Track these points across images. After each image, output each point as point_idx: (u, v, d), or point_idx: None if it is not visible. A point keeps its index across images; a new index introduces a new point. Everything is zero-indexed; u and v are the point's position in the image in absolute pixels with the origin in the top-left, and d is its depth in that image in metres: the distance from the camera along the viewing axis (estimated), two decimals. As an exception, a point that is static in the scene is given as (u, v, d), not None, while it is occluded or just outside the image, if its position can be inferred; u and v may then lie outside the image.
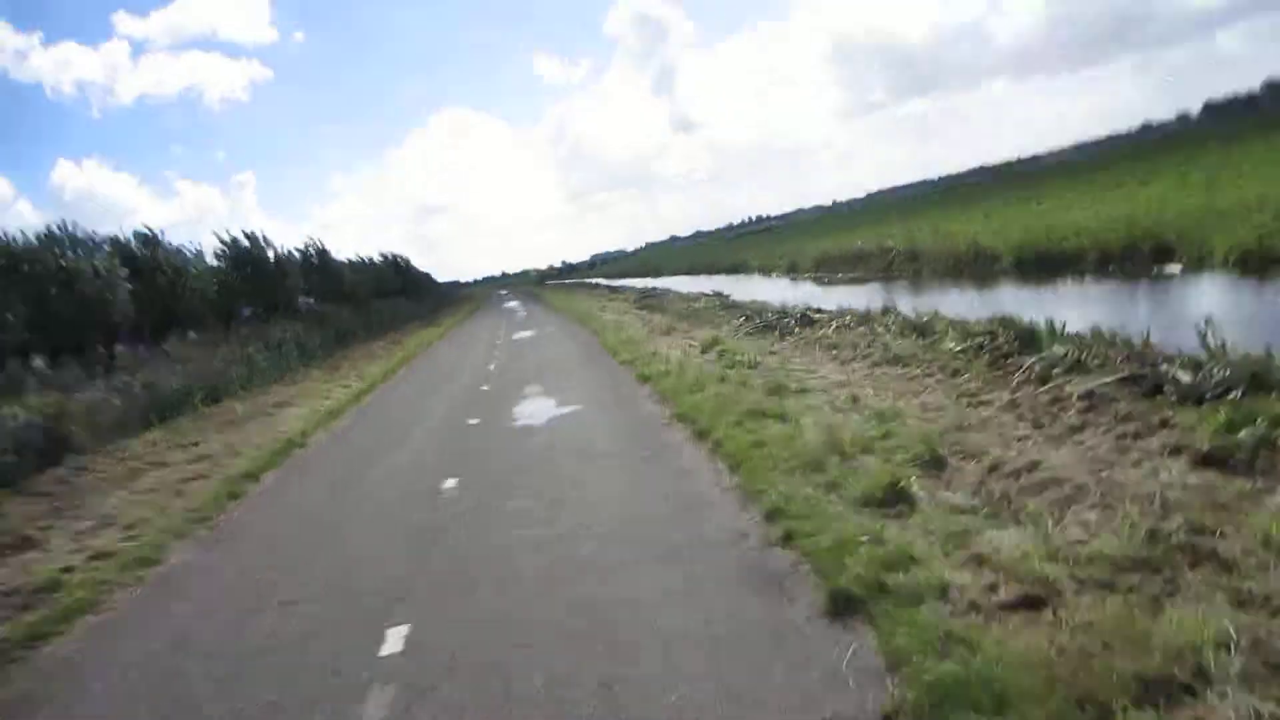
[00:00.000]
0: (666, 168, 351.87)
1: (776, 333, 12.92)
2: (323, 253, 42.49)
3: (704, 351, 12.02)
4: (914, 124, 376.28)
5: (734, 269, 46.43)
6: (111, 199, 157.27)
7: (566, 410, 9.31)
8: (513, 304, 49.70)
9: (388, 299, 65.68)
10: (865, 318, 12.32)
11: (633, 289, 40.15)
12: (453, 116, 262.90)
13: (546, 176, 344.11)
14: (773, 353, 11.07)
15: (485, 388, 12.54)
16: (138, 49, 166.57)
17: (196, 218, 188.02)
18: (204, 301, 26.30)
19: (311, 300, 39.46)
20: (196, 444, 10.95)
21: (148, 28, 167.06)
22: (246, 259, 31.51)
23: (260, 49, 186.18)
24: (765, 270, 40.58)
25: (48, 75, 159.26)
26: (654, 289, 34.61)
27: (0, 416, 11.94)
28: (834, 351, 10.30)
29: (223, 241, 30.92)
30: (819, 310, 13.93)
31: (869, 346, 9.86)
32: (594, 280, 77.08)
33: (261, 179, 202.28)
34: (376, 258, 70.66)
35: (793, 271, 35.19)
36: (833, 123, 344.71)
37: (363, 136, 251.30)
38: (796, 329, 12.90)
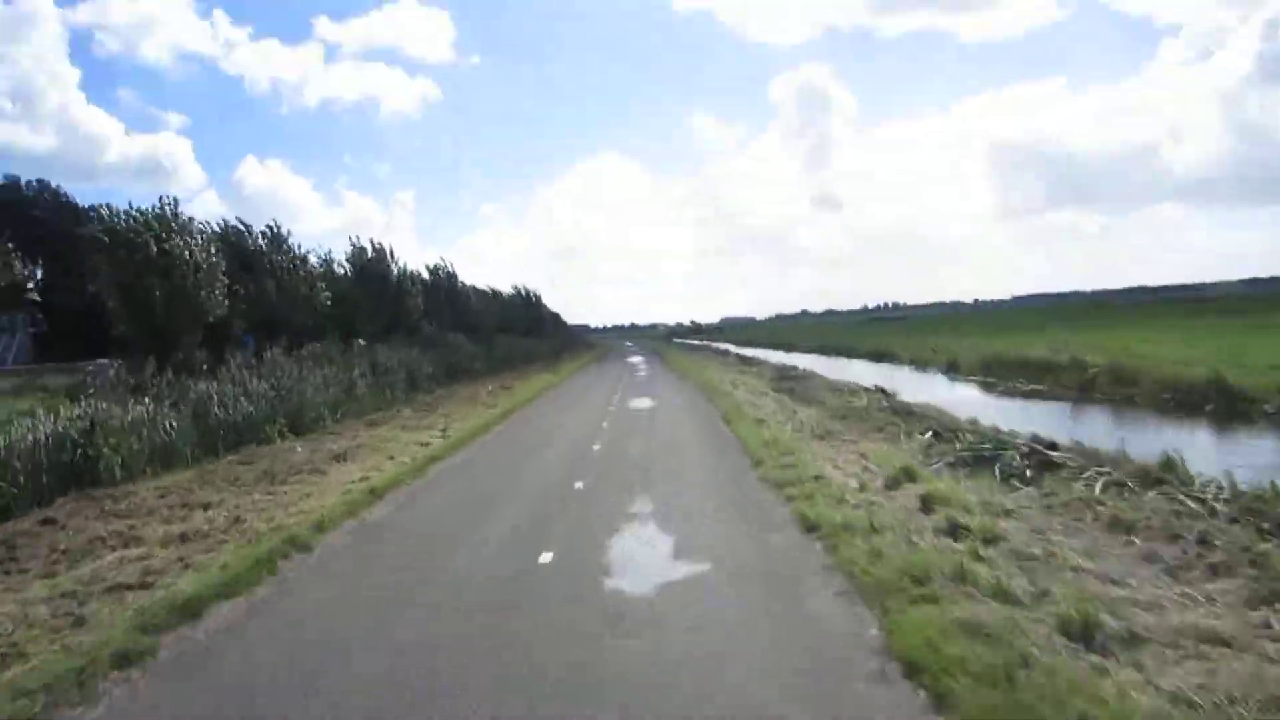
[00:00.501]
0: (804, 240, 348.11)
1: (996, 473, 8.90)
2: (451, 276, 41.55)
3: (892, 488, 8.26)
4: (1068, 235, 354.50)
5: (879, 356, 41.73)
6: (286, 200, 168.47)
7: (687, 572, 5.82)
8: (636, 359, 47.28)
9: (514, 334, 65.49)
10: (1146, 475, 8.16)
11: (767, 363, 36.49)
12: (603, 160, 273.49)
13: (684, 232, 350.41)
14: (1009, 513, 7.12)
15: (579, 485, 9.25)
16: (330, 54, 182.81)
17: (355, 228, 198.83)
18: (317, 312, 25.21)
19: (433, 325, 38.28)
20: (207, 507, 8.37)
21: (342, 34, 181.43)
22: (372, 272, 30.64)
23: (437, 68, 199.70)
24: (919, 364, 35.81)
25: (249, 70, 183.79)
26: (793, 368, 30.73)
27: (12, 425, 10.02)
28: (1129, 537, 6.29)
29: (349, 253, 30.10)
30: (1051, 447, 9.78)
31: (1203, 545, 5.82)
32: (722, 346, 73.78)
33: (419, 198, 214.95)
34: (508, 290, 71.39)
35: (952, 370, 30.36)
36: (981, 222, 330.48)
37: (517, 168, 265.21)
38: (1028, 472, 8.86)
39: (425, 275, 40.66)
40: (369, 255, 30.60)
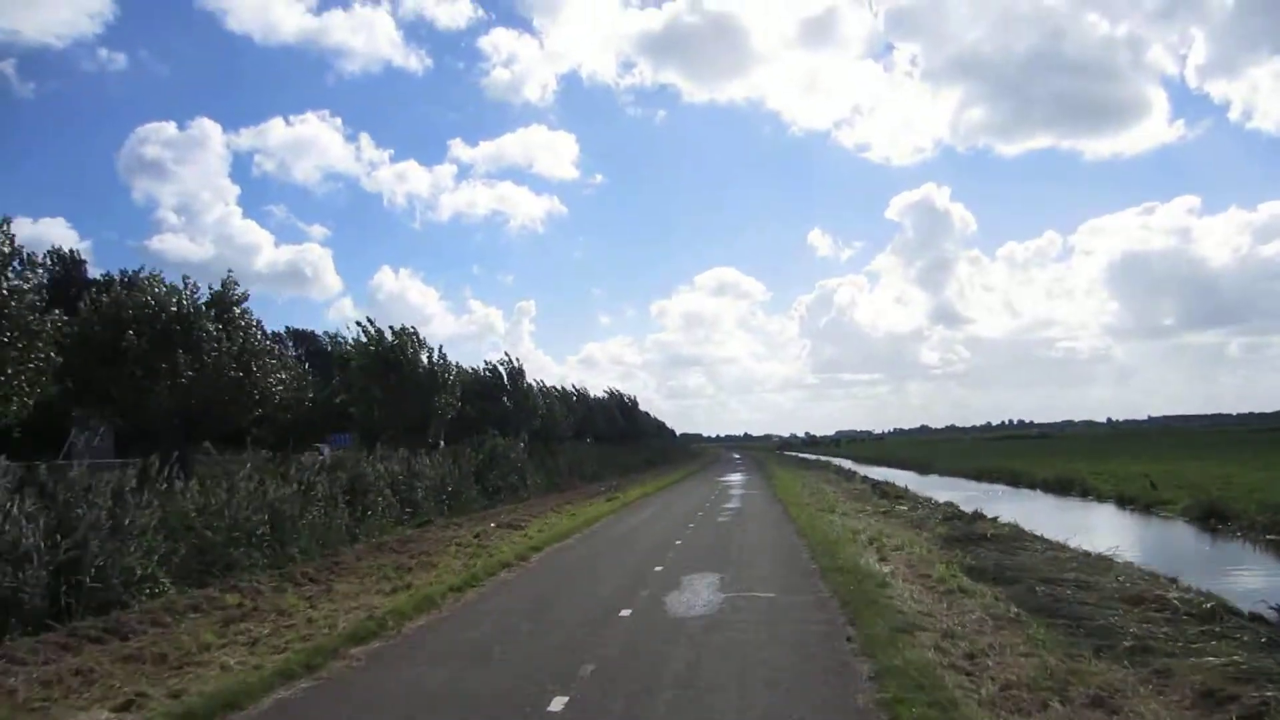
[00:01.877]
0: (922, 356, 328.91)
1: None
2: (516, 373, 34.86)
3: None
4: (1203, 354, 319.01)
5: (1064, 486, 30.95)
6: (416, 306, 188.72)
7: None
8: (734, 478, 38.32)
9: (603, 443, 58.30)
10: None
11: (905, 491, 27.06)
12: (719, 275, 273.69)
13: (801, 346, 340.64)
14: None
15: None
16: (463, 173, 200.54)
17: (480, 335, 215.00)
18: (278, 404, 18.63)
19: (487, 429, 31.48)
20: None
21: (474, 154, 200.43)
22: (385, 356, 24.19)
23: (562, 185, 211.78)
24: (1124, 501, 25.22)
25: (387, 186, 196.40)
26: (955, 509, 21.09)
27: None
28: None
29: (363, 329, 23.49)
30: None
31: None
32: (840, 461, 63.21)
33: (540, 308, 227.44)
34: (598, 393, 64.90)
35: (1212, 518, 20.05)
36: (1110, 339, 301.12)
37: (634, 282, 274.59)
38: None
39: (485, 371, 34.58)
40: (386, 340, 24.34)
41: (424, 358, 24.99)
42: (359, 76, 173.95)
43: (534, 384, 40.65)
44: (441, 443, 26.87)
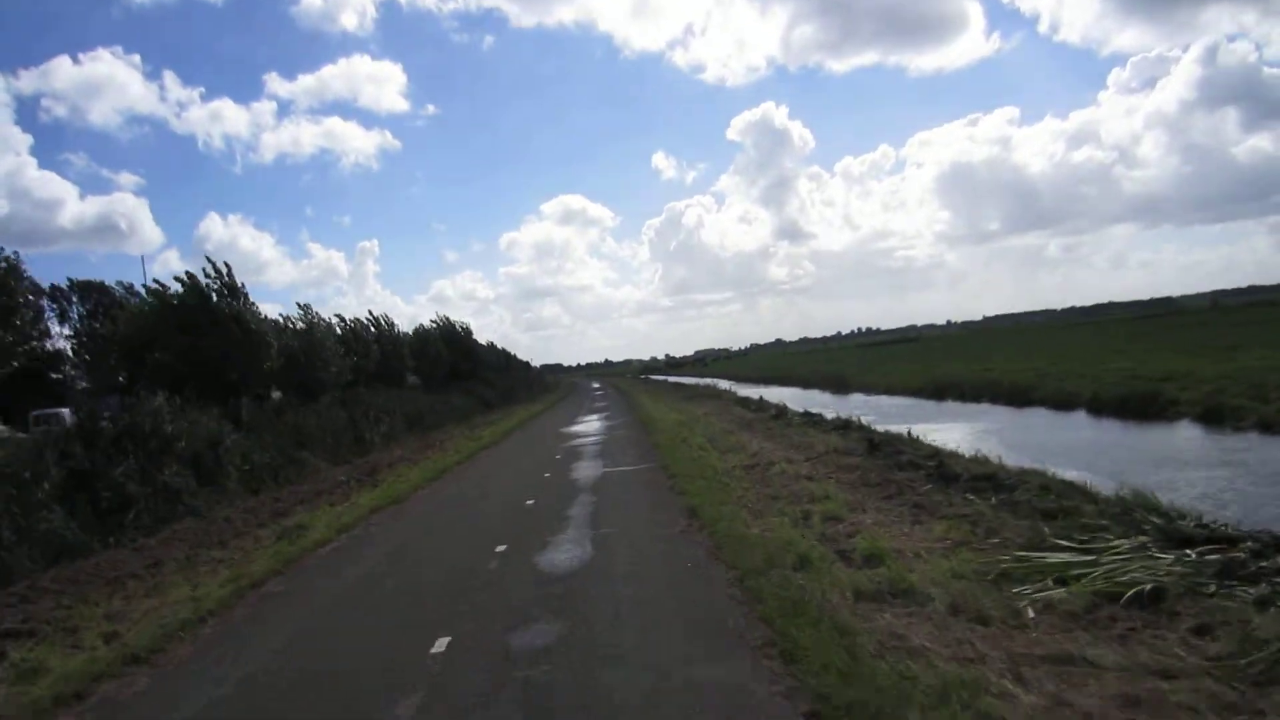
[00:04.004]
0: (770, 272, 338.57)
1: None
2: (229, 291, 23.21)
3: None
4: (1026, 255, 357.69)
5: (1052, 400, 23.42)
6: (250, 254, 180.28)
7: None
8: (590, 425, 28.27)
9: (430, 386, 46.87)
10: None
11: (817, 413, 18.54)
12: (565, 202, 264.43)
13: (653, 271, 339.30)
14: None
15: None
16: (283, 110, 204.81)
17: (322, 279, 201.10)
18: None
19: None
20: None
21: (293, 90, 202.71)
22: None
23: (392, 119, 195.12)
24: (1101, 406, 18.08)
25: (200, 128, 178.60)
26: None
27: None
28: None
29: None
30: None
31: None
32: (716, 383, 55.48)
33: (384, 248, 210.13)
34: (425, 324, 52.68)
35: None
36: (943, 246, 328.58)
37: (479, 215, 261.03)
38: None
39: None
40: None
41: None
42: (150, 8, 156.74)
43: (280, 315, 29.09)
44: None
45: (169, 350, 20.61)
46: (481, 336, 76.65)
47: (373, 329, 39.03)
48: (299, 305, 28.35)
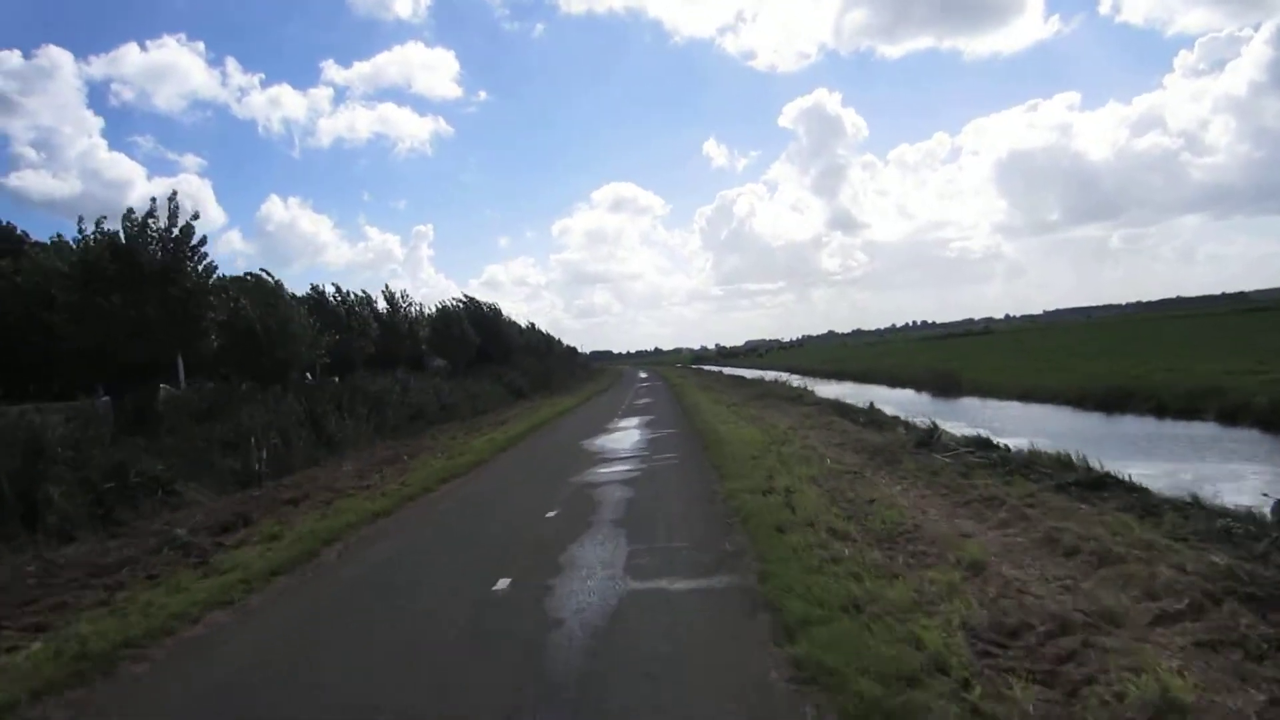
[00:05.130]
0: (822, 262, 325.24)
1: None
2: (181, 238, 16.71)
3: None
4: (1087, 247, 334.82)
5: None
6: (308, 236, 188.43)
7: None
8: (627, 434, 20.98)
9: (464, 370, 40.73)
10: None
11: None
12: (616, 190, 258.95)
13: (704, 259, 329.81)
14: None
15: None
16: (339, 95, 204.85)
17: (378, 262, 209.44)
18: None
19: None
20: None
21: (349, 76, 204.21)
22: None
23: (445, 105, 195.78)
24: None
25: (260, 113, 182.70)
26: None
27: None
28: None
29: None
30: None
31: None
32: (781, 376, 47.97)
33: (438, 232, 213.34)
34: (446, 302, 46.36)
35: None
36: (1000, 237, 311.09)
37: (531, 201, 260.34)
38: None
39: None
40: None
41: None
42: None
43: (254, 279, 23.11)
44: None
45: (69, 314, 14.80)
46: (534, 321, 70.54)
47: (380, 304, 32.88)
48: (262, 271, 20.92)
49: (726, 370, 69.72)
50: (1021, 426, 16.30)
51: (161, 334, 15.27)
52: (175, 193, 15.38)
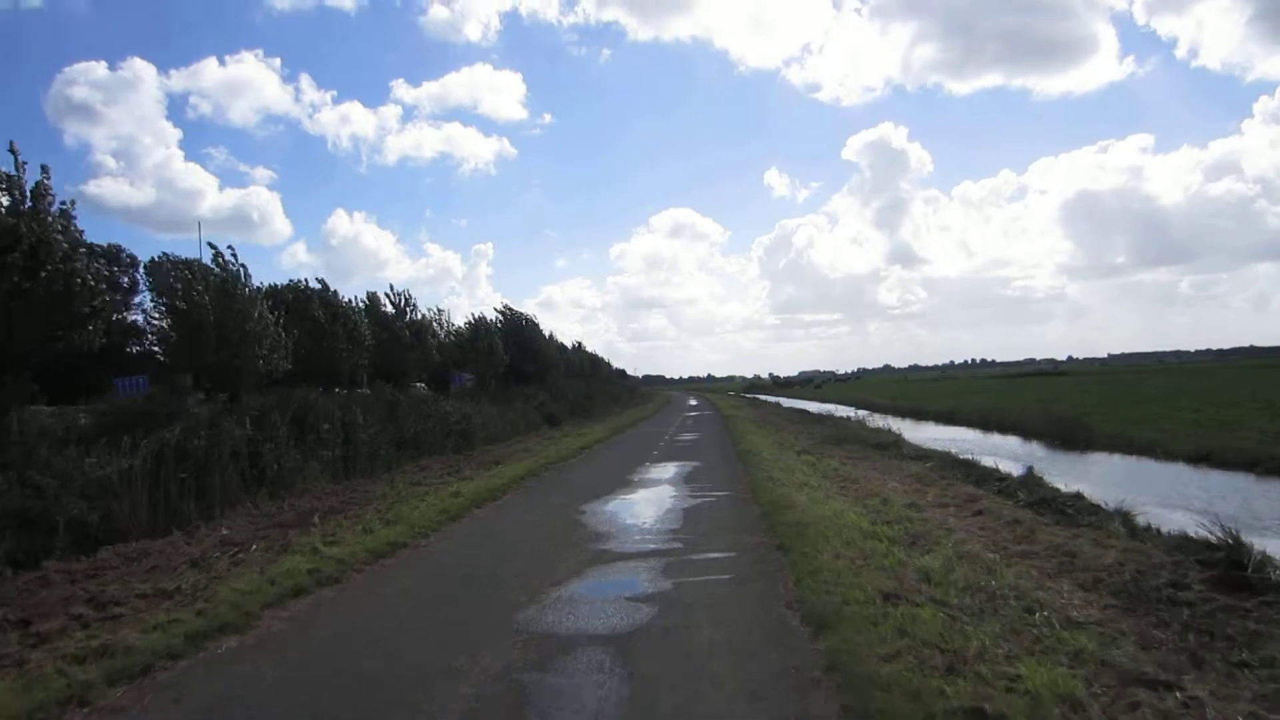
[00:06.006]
0: (880, 296, 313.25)
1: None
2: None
3: None
4: (1155, 292, 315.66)
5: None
6: (371, 251, 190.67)
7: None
8: (652, 499, 15.65)
9: (497, 387, 36.09)
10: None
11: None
12: (675, 216, 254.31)
13: (761, 288, 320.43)
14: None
15: None
16: (407, 114, 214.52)
17: (437, 278, 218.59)
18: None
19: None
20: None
21: (418, 95, 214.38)
22: None
23: (510, 127, 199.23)
24: None
25: (330, 129, 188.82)
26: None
27: None
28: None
29: None
30: None
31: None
32: (846, 411, 41.99)
33: (497, 251, 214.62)
34: (488, 313, 41.79)
35: None
36: (1064, 278, 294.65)
37: (590, 224, 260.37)
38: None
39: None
40: None
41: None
42: (289, 14, 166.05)
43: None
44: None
45: None
46: (588, 344, 65.75)
47: (386, 306, 28.33)
48: (210, 246, 15.76)
49: (785, 402, 63.48)
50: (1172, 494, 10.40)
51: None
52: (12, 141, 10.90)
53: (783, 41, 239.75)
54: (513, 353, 41.04)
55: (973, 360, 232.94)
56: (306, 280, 25.06)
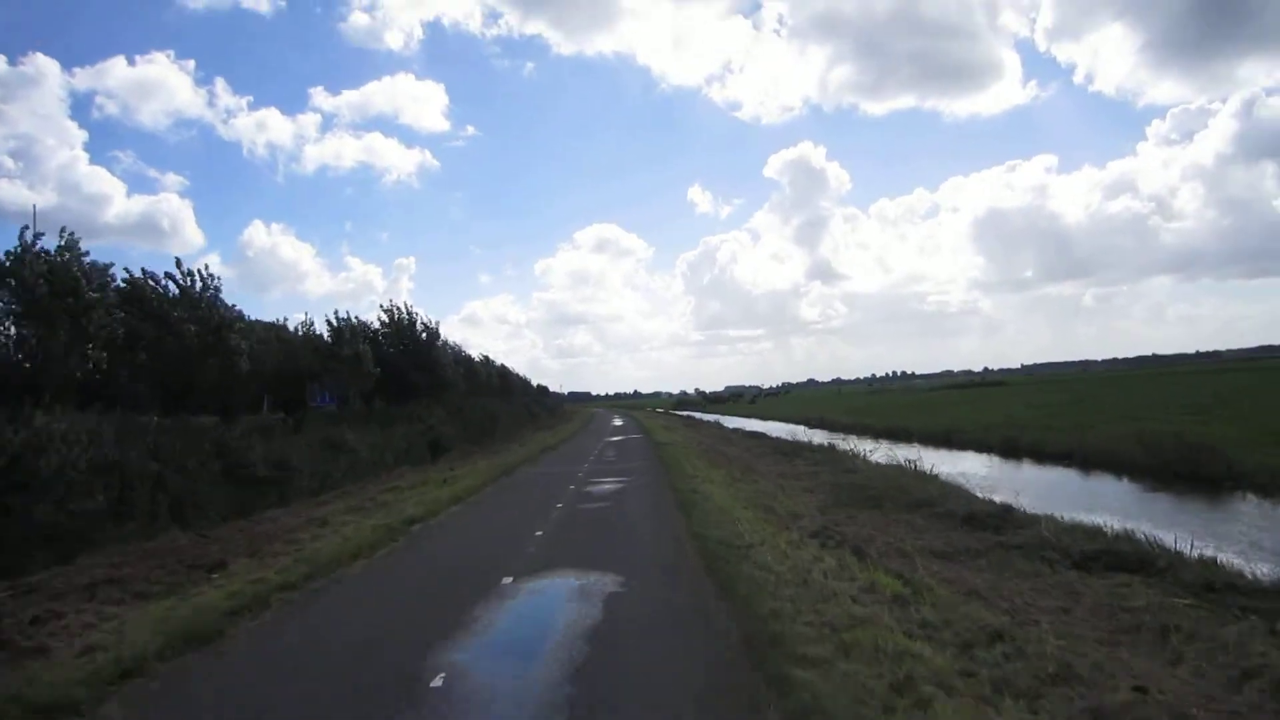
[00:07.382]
0: (802, 312, 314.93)
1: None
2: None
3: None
4: (1062, 305, 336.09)
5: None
6: (289, 263, 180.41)
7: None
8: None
9: (387, 402, 26.78)
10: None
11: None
12: (600, 231, 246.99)
13: (685, 304, 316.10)
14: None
15: None
16: (327, 123, 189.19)
17: (358, 293, 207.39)
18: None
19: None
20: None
21: (337, 104, 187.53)
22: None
23: (432, 138, 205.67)
24: None
25: (246, 135, 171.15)
26: None
27: None
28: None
29: None
30: None
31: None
32: (778, 426, 34.76)
33: (420, 266, 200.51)
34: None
35: None
36: (977, 293, 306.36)
37: (514, 239, 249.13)
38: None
39: None
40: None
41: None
42: (203, 14, 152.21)
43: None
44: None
45: None
46: (512, 361, 56.89)
47: (167, 285, 19.07)
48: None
49: (727, 420, 56.10)
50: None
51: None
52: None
53: (704, 60, 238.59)
54: (399, 363, 32.17)
55: (894, 373, 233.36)
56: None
